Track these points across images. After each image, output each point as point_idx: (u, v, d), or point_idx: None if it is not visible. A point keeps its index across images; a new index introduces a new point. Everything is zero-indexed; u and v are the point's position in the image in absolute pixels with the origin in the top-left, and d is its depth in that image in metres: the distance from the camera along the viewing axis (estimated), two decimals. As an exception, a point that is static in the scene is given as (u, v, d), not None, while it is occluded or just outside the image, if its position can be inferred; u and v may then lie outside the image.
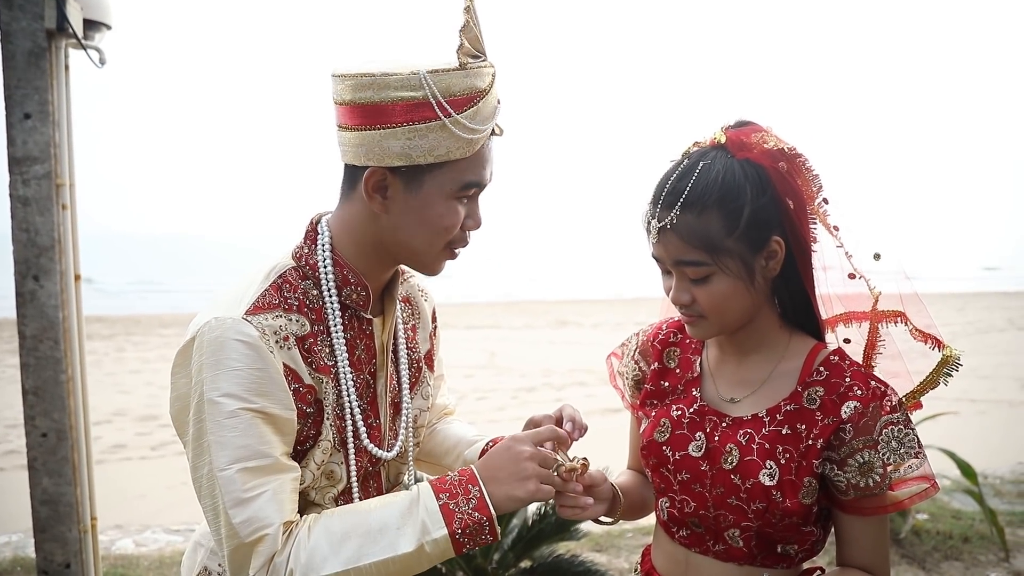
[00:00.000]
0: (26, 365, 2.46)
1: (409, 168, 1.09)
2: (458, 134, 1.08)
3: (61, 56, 2.46)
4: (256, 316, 1.08)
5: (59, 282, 2.46)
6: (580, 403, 8.34)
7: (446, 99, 1.07)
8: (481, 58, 1.11)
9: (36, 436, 2.49)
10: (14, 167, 2.39)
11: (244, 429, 1.04)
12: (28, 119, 2.37)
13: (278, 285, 1.14)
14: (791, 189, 1.13)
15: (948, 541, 3.97)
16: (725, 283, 1.12)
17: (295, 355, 1.11)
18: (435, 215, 1.12)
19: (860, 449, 1.12)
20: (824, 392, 1.15)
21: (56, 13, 2.33)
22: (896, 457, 1.12)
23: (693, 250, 1.11)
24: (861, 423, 1.12)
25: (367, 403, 1.22)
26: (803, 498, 1.12)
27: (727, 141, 1.14)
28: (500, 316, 17.71)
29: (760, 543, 1.17)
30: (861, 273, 1.19)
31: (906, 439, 1.12)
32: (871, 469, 1.12)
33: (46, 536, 2.56)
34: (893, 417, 1.12)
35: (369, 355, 1.22)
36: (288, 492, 1.08)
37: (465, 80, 1.08)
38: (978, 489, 3.74)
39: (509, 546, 2.85)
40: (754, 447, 1.15)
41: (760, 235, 1.12)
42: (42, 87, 2.37)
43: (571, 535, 2.86)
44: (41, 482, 2.51)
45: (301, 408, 1.11)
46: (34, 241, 2.42)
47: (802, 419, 1.15)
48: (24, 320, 2.43)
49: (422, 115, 1.07)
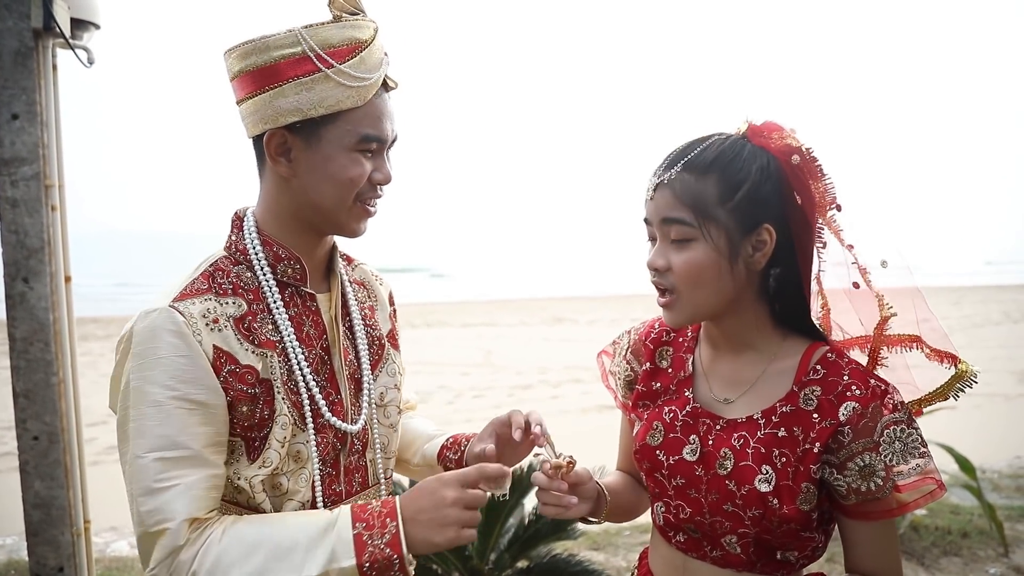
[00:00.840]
0: (16, 368, 2.43)
1: (304, 124, 1.13)
2: (343, 83, 1.12)
3: (49, 56, 2.43)
4: (182, 302, 1.10)
5: (49, 284, 2.43)
6: (576, 400, 8.34)
7: (325, 51, 1.11)
8: (359, 14, 1.16)
9: (28, 439, 2.46)
10: (2, 168, 2.36)
11: (164, 419, 1.06)
12: (16, 120, 2.34)
13: (209, 273, 1.17)
14: (802, 186, 1.11)
15: (947, 537, 3.97)
16: (704, 252, 1.08)
17: (227, 336, 1.12)
18: (337, 167, 1.15)
19: (860, 452, 1.07)
20: (821, 392, 1.10)
21: (43, 12, 2.30)
22: (899, 458, 1.07)
23: (683, 207, 1.09)
24: (860, 425, 1.07)
25: (325, 379, 1.22)
26: (801, 504, 1.08)
27: (748, 129, 1.14)
28: (495, 314, 17.69)
29: (758, 550, 1.14)
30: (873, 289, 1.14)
31: (909, 439, 1.08)
32: (873, 472, 1.07)
33: (39, 540, 2.53)
34: (895, 417, 1.08)
35: (319, 331, 1.23)
36: (202, 488, 1.08)
37: (343, 32, 1.13)
38: (976, 484, 3.73)
39: (505, 546, 2.83)
40: (749, 451, 1.11)
41: (753, 216, 1.09)
42: (30, 87, 2.34)
43: (568, 534, 2.85)
44: (33, 485, 2.49)
45: (242, 390, 1.11)
46: (23, 243, 2.39)
47: (799, 421, 1.10)
48: (14, 322, 2.41)
49: (305, 69, 1.11)
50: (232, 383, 1.11)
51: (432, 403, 8.24)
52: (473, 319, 16.51)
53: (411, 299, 22.85)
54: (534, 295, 24.57)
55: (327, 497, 1.20)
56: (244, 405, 1.12)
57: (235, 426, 1.13)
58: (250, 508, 1.16)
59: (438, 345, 12.49)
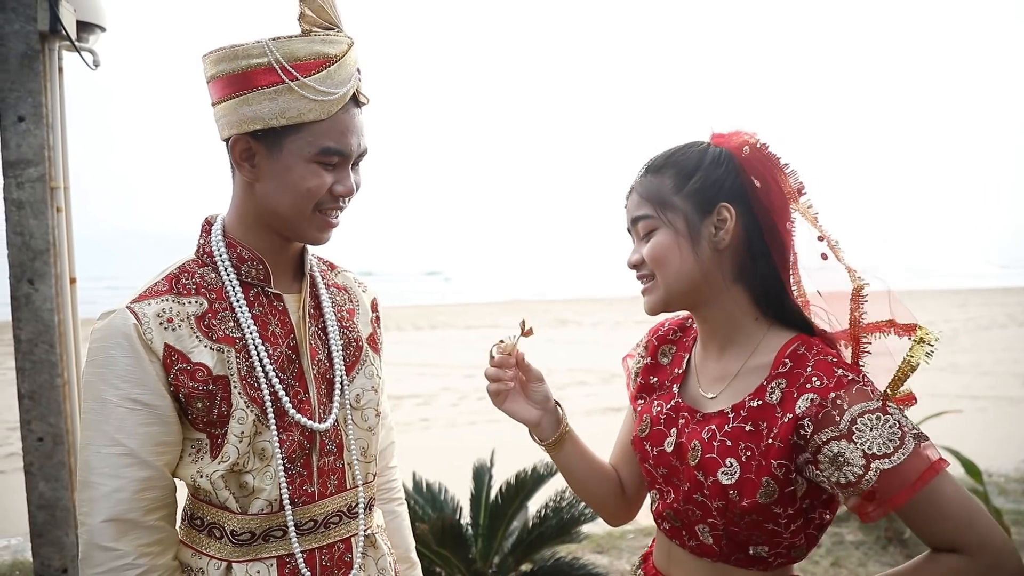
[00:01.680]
0: (21, 369, 2.44)
1: (266, 132, 1.15)
2: (307, 96, 1.14)
3: (55, 58, 2.44)
4: (139, 303, 1.16)
5: (54, 285, 2.43)
6: (580, 402, 8.31)
7: (291, 63, 1.13)
8: (333, 29, 1.18)
9: (32, 440, 2.47)
10: (8, 170, 2.36)
11: (108, 417, 1.13)
12: (22, 122, 2.35)
13: (174, 275, 1.21)
14: (758, 171, 1.17)
15: (952, 540, 3.95)
16: (667, 237, 1.17)
17: (181, 335, 1.15)
18: (296, 178, 1.16)
19: (828, 441, 1.05)
20: (786, 385, 1.11)
21: (49, 15, 2.31)
22: (881, 446, 1.03)
23: (645, 204, 1.20)
24: (821, 415, 1.06)
25: (293, 377, 1.23)
26: (760, 498, 1.08)
27: (711, 137, 1.23)
28: (499, 316, 17.70)
29: (729, 542, 1.15)
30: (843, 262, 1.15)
31: (887, 425, 1.04)
32: (846, 462, 1.04)
33: (43, 541, 2.54)
34: (866, 406, 1.05)
35: (285, 330, 1.25)
36: (130, 491, 1.13)
37: (310, 46, 1.15)
38: (983, 488, 3.72)
39: (509, 549, 2.83)
40: (715, 444, 1.14)
41: (708, 198, 1.16)
42: (36, 90, 2.35)
43: (572, 537, 2.84)
44: (38, 487, 2.49)
45: (194, 387, 1.15)
46: (28, 244, 2.39)
47: (764, 415, 1.11)
48: (19, 324, 2.41)
49: (270, 79, 1.13)
50: (183, 380, 1.15)
51: (436, 405, 8.25)
52: (477, 321, 16.51)
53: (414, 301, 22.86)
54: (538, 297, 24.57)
55: (297, 497, 1.21)
56: (199, 401, 1.15)
57: (196, 422, 1.17)
58: (219, 507, 1.19)
59: (442, 347, 12.49)
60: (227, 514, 1.19)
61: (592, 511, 2.77)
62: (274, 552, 1.20)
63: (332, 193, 1.19)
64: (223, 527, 1.19)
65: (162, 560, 1.18)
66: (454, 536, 2.63)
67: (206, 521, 1.21)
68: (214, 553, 1.20)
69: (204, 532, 1.21)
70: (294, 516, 1.20)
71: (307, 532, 1.22)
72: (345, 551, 1.27)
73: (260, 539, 1.19)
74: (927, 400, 1.21)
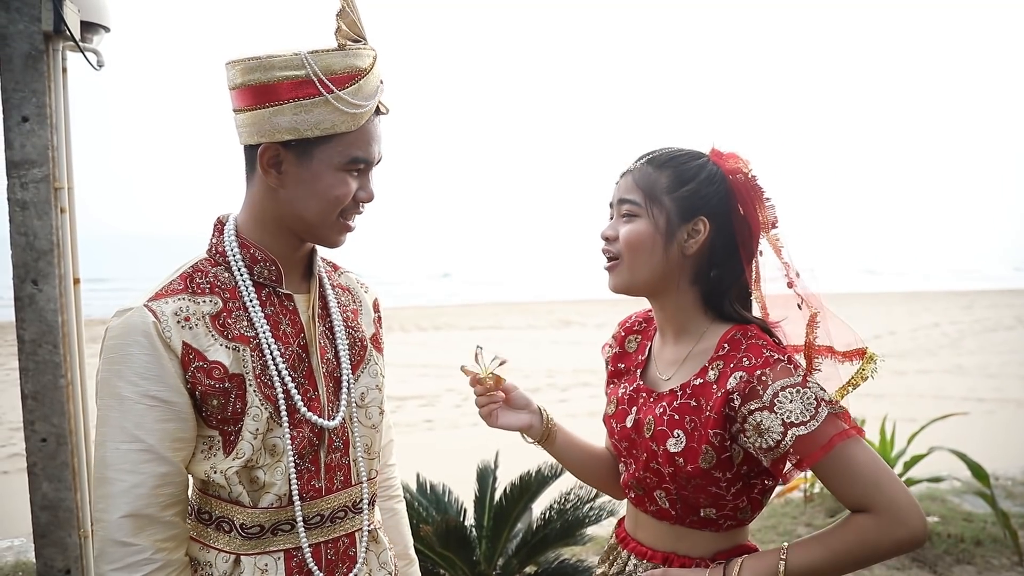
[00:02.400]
0: (25, 370, 2.44)
1: (299, 142, 1.18)
2: (341, 108, 1.18)
3: (59, 59, 2.43)
4: (155, 302, 1.18)
5: (58, 286, 2.43)
6: (584, 403, 8.31)
7: (327, 76, 1.17)
8: (361, 42, 1.21)
9: (36, 441, 2.46)
10: (12, 171, 2.36)
11: (125, 411, 1.14)
12: (26, 122, 2.35)
13: (187, 274, 1.23)
14: (744, 202, 1.31)
15: (960, 544, 3.92)
16: (644, 226, 1.30)
17: (198, 333, 1.18)
18: (326, 186, 1.21)
19: (752, 412, 1.20)
20: (723, 366, 1.26)
21: (53, 15, 2.30)
22: (796, 416, 1.17)
23: (636, 190, 1.32)
24: (747, 390, 1.21)
25: (303, 376, 1.27)
26: (702, 463, 1.24)
27: (711, 152, 1.36)
28: (503, 317, 17.70)
29: (683, 506, 1.30)
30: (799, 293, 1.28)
31: (804, 397, 1.19)
32: (768, 429, 1.19)
33: (46, 541, 2.53)
34: (788, 381, 1.20)
35: (296, 329, 1.28)
36: (148, 487, 1.15)
37: (345, 60, 1.18)
38: (990, 491, 3.69)
39: (513, 551, 2.82)
40: (665, 419, 1.30)
41: (692, 208, 1.30)
42: (39, 90, 2.35)
43: (576, 539, 2.83)
44: (41, 487, 2.49)
45: (210, 385, 1.18)
46: (32, 245, 2.39)
47: (703, 392, 1.27)
48: (23, 324, 2.41)
49: (306, 92, 1.16)
50: (200, 378, 1.17)
51: (440, 406, 8.24)
52: (480, 322, 16.50)
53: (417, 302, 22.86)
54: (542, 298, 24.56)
55: (305, 492, 1.25)
56: (214, 399, 1.18)
57: (209, 419, 1.20)
58: (230, 501, 1.22)
59: (446, 348, 12.49)
60: (237, 508, 1.22)
61: (596, 513, 2.77)
62: (281, 545, 1.24)
63: (355, 199, 1.25)
64: (232, 521, 1.22)
65: (176, 555, 1.20)
66: (458, 538, 2.62)
67: (215, 515, 1.24)
68: (223, 547, 1.23)
69: (212, 526, 1.24)
70: (302, 510, 1.23)
71: (314, 526, 1.26)
72: (350, 545, 1.32)
73: (268, 532, 1.23)
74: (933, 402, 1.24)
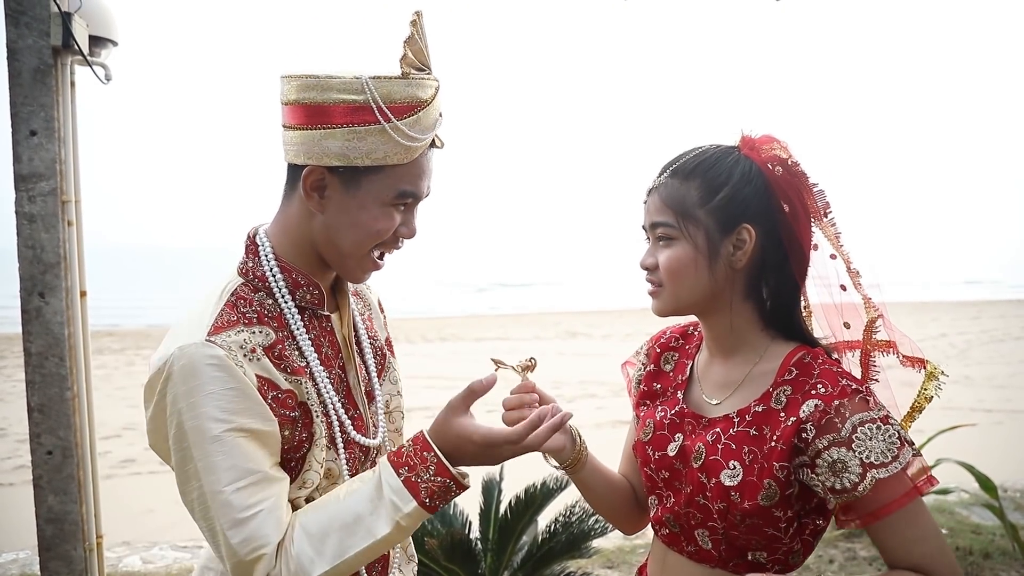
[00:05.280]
0: (31, 382, 2.44)
1: (347, 169, 1.13)
2: (397, 139, 1.12)
3: (67, 73, 2.46)
4: (219, 335, 1.10)
5: (65, 299, 2.44)
6: (590, 415, 8.27)
7: (387, 105, 1.11)
8: (425, 71, 1.15)
9: (41, 454, 2.47)
10: (20, 184, 2.38)
11: (229, 451, 1.07)
12: (34, 136, 2.37)
13: (232, 303, 1.16)
14: (787, 195, 1.17)
15: (968, 557, 3.89)
16: (683, 249, 1.17)
17: (266, 364, 1.13)
18: (369, 218, 1.15)
19: (827, 447, 1.08)
20: (792, 391, 1.13)
21: (62, 30, 2.33)
22: (877, 456, 1.06)
23: (667, 210, 1.18)
24: (824, 421, 1.08)
25: (344, 396, 1.25)
26: (762, 500, 1.10)
27: (741, 140, 1.21)
28: (509, 328, 17.68)
29: (729, 547, 1.17)
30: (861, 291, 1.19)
31: (886, 436, 1.08)
32: (845, 468, 1.07)
33: (51, 555, 2.53)
34: (868, 415, 1.08)
35: (335, 351, 1.26)
36: (283, 506, 1.12)
37: (407, 89, 1.12)
38: (998, 503, 3.66)
39: (519, 564, 2.81)
40: (719, 447, 1.16)
41: (732, 217, 1.15)
42: (48, 104, 2.37)
43: (582, 552, 2.82)
44: (47, 500, 2.49)
45: (285, 414, 1.14)
46: (40, 258, 2.40)
47: (768, 420, 1.14)
48: (30, 337, 2.42)
49: (362, 118, 1.11)
50: (276, 408, 1.13)
51: (445, 417, 8.23)
52: (487, 333, 16.49)
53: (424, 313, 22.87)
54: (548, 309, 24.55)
55: None
56: (286, 429, 1.14)
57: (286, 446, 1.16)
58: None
59: (451, 359, 12.48)
60: None
61: (602, 526, 2.76)
62: None
63: (396, 234, 1.19)
64: None
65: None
66: (463, 551, 2.61)
67: None
68: None
69: None
70: None
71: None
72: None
73: None
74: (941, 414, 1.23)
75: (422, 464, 1.13)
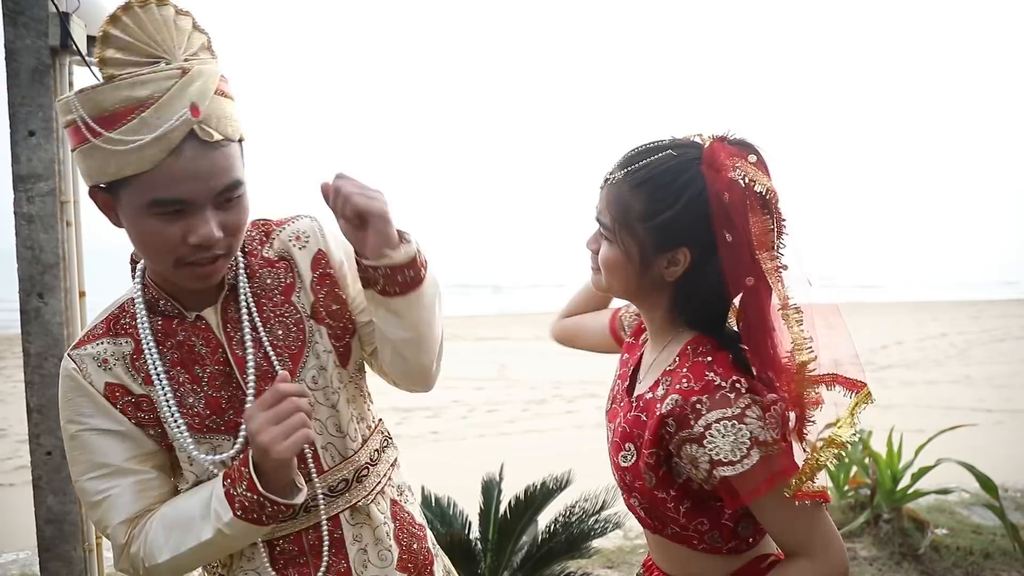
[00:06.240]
0: (31, 383, 2.44)
1: (108, 186, 1.09)
2: (118, 150, 1.03)
3: (65, 73, 2.45)
4: (76, 350, 1.22)
5: (64, 299, 2.44)
6: (591, 415, 8.28)
7: (98, 117, 1.03)
8: (153, 64, 1.04)
9: (41, 454, 2.47)
10: (18, 184, 2.37)
11: (83, 448, 1.20)
12: (32, 136, 2.36)
13: (114, 315, 1.25)
14: (732, 224, 1.12)
15: (969, 557, 3.89)
16: (617, 255, 1.20)
17: (118, 372, 1.21)
18: (143, 233, 1.10)
19: (684, 442, 1.12)
20: (670, 382, 1.16)
21: (60, 30, 2.33)
22: (727, 454, 1.07)
23: (609, 213, 1.20)
24: (681, 416, 1.11)
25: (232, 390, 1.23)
26: (647, 483, 1.17)
27: (707, 148, 1.16)
28: (509, 328, 17.68)
29: (653, 516, 1.22)
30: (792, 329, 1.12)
31: (740, 435, 1.07)
32: (696, 463, 1.12)
33: (50, 555, 2.53)
34: (726, 412, 1.08)
35: (213, 347, 1.24)
36: (130, 494, 1.21)
37: (117, 93, 1.02)
38: (999, 503, 3.65)
39: (518, 565, 2.80)
40: (620, 430, 1.23)
41: (669, 239, 1.16)
42: (46, 104, 2.36)
43: (582, 552, 2.81)
44: (46, 501, 2.49)
45: (141, 417, 1.22)
46: (38, 258, 2.40)
47: (648, 408, 1.18)
48: (29, 338, 2.42)
49: (81, 137, 1.05)
50: (132, 412, 1.21)
51: (445, 417, 8.22)
52: (486, 333, 16.50)
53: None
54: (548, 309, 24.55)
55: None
56: (151, 429, 1.23)
57: (161, 444, 1.24)
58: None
59: (451, 359, 12.45)
60: None
61: (602, 526, 2.76)
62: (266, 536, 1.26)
63: (188, 244, 1.10)
64: None
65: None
66: (463, 551, 2.61)
67: None
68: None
69: None
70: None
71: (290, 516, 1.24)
72: (334, 528, 1.29)
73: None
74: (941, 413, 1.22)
75: (239, 478, 1.15)
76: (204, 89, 1.06)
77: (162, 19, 1.05)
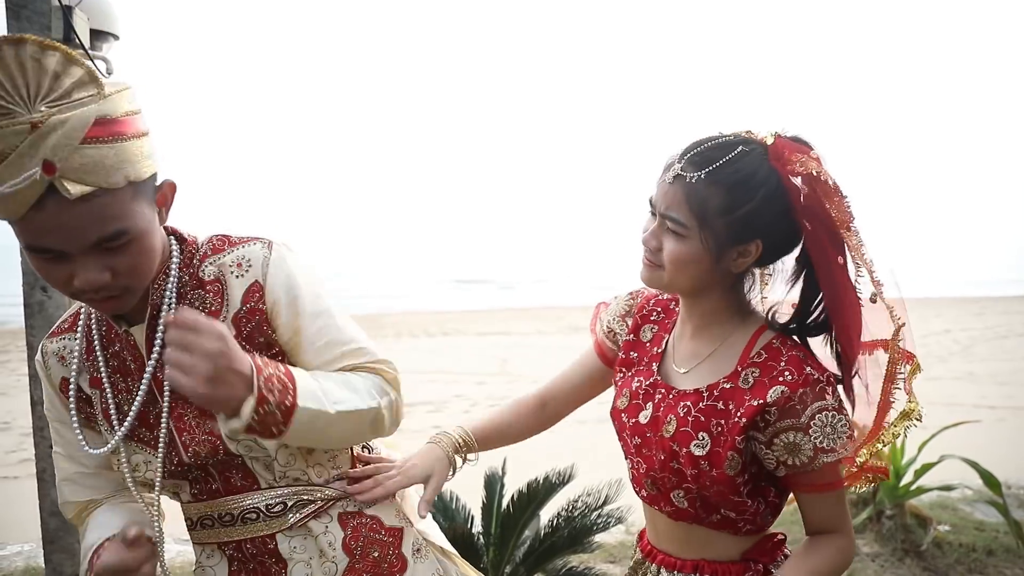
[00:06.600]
0: (34, 376, 2.44)
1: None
2: None
3: (69, 66, 2.45)
4: (46, 341, 1.29)
5: (67, 292, 2.44)
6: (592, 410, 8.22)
7: None
8: (5, 114, 0.94)
9: (45, 447, 2.47)
10: (22, 177, 2.38)
11: (55, 431, 1.32)
12: (36, 129, 2.37)
13: (80, 311, 1.29)
14: (811, 214, 1.20)
15: (972, 554, 3.88)
16: (694, 248, 1.21)
17: (73, 369, 1.26)
18: (36, 268, 1.07)
19: (786, 430, 1.20)
20: (759, 374, 1.22)
21: (63, 24, 2.32)
22: (828, 442, 1.19)
23: (686, 209, 1.20)
24: (787, 407, 1.19)
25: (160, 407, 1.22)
26: (727, 469, 1.22)
27: (772, 144, 1.21)
28: (511, 322, 17.69)
29: (704, 505, 1.28)
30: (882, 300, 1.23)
31: (839, 425, 1.19)
32: (799, 450, 1.20)
33: (55, 547, 2.54)
34: (825, 403, 1.19)
35: (139, 364, 1.23)
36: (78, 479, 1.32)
37: None
38: (1002, 500, 3.65)
39: (521, 558, 2.81)
40: (690, 419, 1.26)
41: (746, 232, 1.20)
42: (50, 97, 2.36)
43: (584, 547, 2.82)
44: (50, 493, 2.50)
45: (91, 412, 1.28)
46: (42, 251, 2.41)
47: (734, 397, 1.23)
48: (32, 331, 2.42)
49: None
50: (82, 407, 1.27)
51: (448, 412, 8.24)
52: (489, 328, 16.50)
53: (426, 307, 22.89)
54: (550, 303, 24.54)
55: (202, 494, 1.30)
56: (97, 427, 1.29)
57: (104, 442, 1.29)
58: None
59: (454, 354, 12.49)
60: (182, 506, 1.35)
61: (604, 521, 2.76)
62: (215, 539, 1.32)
63: (74, 286, 1.05)
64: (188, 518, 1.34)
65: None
66: (466, 545, 2.61)
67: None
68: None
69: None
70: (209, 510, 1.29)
71: (226, 524, 1.29)
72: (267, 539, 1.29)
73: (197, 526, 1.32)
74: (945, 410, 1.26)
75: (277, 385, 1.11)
76: (62, 142, 0.96)
77: (16, 62, 0.94)
